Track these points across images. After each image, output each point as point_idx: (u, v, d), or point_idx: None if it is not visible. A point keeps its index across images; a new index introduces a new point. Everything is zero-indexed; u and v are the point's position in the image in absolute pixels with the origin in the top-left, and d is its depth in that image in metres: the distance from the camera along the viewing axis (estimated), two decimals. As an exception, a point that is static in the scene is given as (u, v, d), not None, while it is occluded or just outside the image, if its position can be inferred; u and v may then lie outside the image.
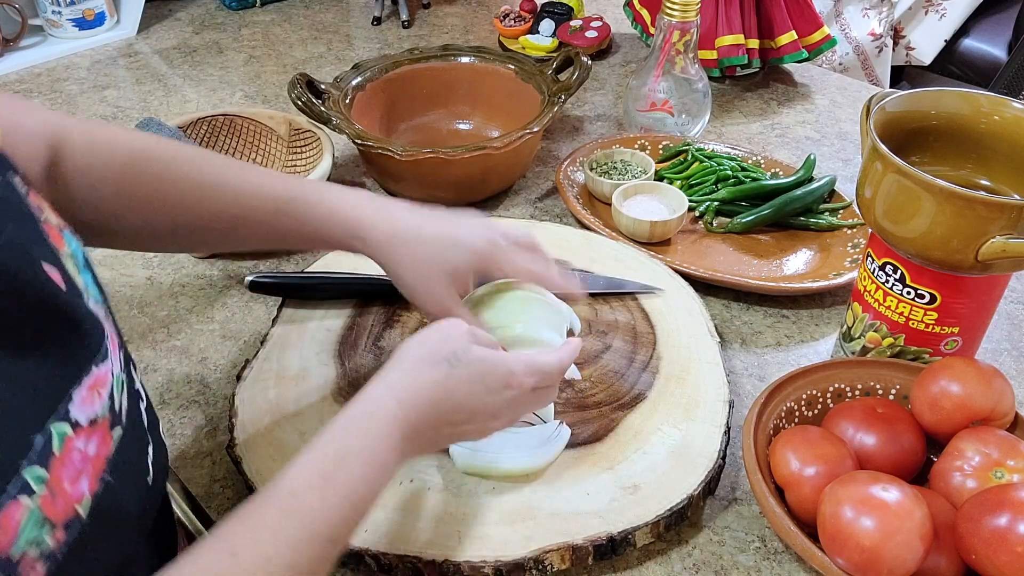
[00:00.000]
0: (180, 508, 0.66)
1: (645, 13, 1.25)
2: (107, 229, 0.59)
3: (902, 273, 0.66)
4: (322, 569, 0.44)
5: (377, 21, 1.43)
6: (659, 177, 0.98)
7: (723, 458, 0.64)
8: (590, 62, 0.99)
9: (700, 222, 0.94)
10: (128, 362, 0.47)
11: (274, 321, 0.76)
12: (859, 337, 0.72)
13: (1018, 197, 0.66)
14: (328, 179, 0.88)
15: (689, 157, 1.00)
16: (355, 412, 0.49)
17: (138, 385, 0.48)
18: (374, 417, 0.49)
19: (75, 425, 0.38)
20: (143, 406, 0.48)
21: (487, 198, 0.97)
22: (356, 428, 0.49)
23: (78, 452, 0.37)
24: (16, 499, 0.33)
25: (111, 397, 0.41)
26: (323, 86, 0.96)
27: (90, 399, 0.39)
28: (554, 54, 1.21)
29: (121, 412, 0.42)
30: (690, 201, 0.91)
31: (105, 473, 0.39)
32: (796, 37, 1.17)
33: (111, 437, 0.40)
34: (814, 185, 0.93)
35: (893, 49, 2.29)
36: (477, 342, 0.54)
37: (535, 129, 0.91)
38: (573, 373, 0.67)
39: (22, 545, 0.34)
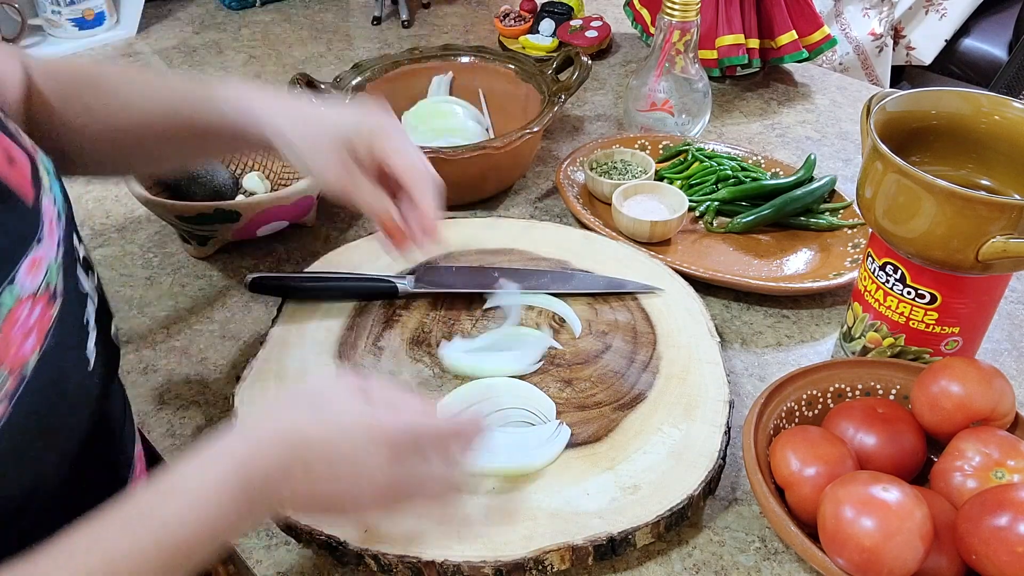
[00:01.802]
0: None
1: (645, 13, 1.25)
2: (64, 152, 0.62)
3: (902, 273, 0.66)
4: None
5: (377, 21, 1.43)
6: (659, 177, 0.98)
7: (723, 458, 0.64)
8: (590, 62, 0.99)
9: (700, 222, 0.94)
10: (81, 263, 0.52)
11: (274, 321, 0.76)
12: (859, 337, 0.72)
13: (1018, 197, 0.66)
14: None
15: (689, 157, 1.00)
16: (201, 453, 0.46)
17: (87, 289, 0.52)
18: (215, 459, 0.45)
19: (22, 289, 0.43)
20: (92, 307, 0.52)
21: (487, 198, 0.97)
22: (192, 468, 0.45)
23: (25, 313, 0.43)
24: None
25: (46, 276, 0.46)
26: (323, 86, 0.96)
27: (31, 274, 0.44)
28: (554, 54, 1.21)
29: (56, 291, 0.47)
30: (690, 201, 0.91)
31: (48, 336, 0.45)
32: (796, 37, 1.17)
33: (50, 308, 0.46)
34: (814, 185, 0.93)
35: (893, 49, 2.29)
36: (361, 395, 0.50)
37: (535, 129, 0.91)
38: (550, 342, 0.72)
39: None
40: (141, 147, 0.67)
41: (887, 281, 0.68)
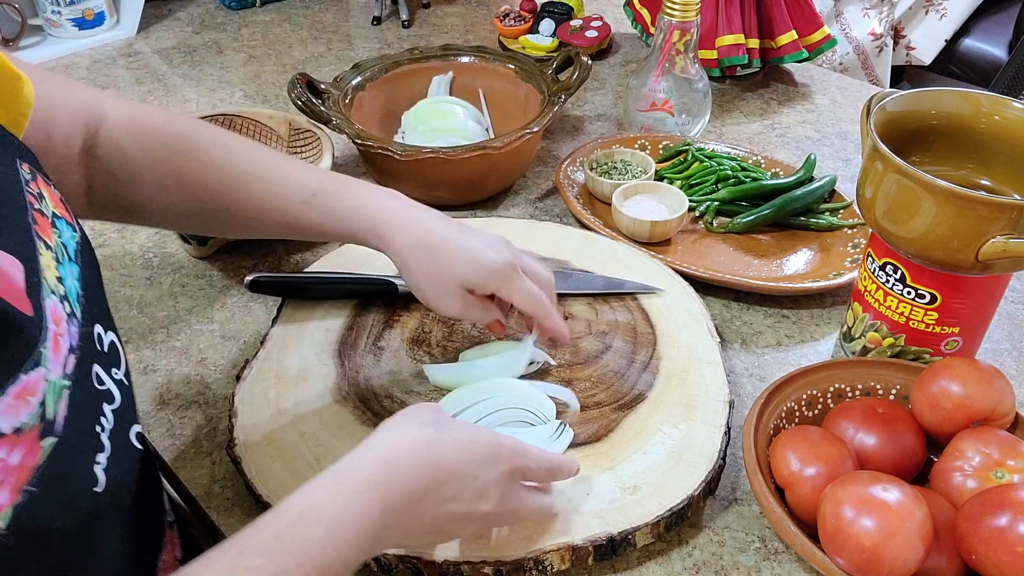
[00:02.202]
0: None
1: (645, 13, 1.25)
2: (137, 206, 0.62)
3: (902, 273, 0.66)
4: None
5: (377, 21, 1.43)
6: (659, 177, 0.98)
7: (723, 458, 0.64)
8: (590, 62, 0.99)
9: (700, 222, 0.94)
10: (104, 357, 0.45)
11: (274, 321, 0.76)
12: (859, 337, 0.72)
13: (1018, 197, 0.66)
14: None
15: (689, 157, 1.00)
16: (329, 474, 0.46)
17: (109, 384, 0.45)
18: (347, 480, 0.45)
19: None
20: (112, 407, 0.45)
21: (487, 198, 0.97)
22: (324, 490, 0.45)
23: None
24: None
25: (43, 405, 0.38)
26: (323, 86, 0.96)
27: (15, 408, 0.36)
28: (554, 54, 1.21)
29: (55, 421, 0.39)
30: (690, 201, 0.91)
31: (29, 484, 0.37)
32: (796, 37, 1.17)
33: (39, 447, 0.38)
34: (814, 185, 0.93)
35: (893, 49, 2.29)
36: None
37: (535, 129, 0.91)
38: (541, 356, 0.71)
39: None
40: (229, 226, 0.66)
41: (887, 281, 0.68)
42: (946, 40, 2.27)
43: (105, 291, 0.50)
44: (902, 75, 2.42)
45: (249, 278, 0.79)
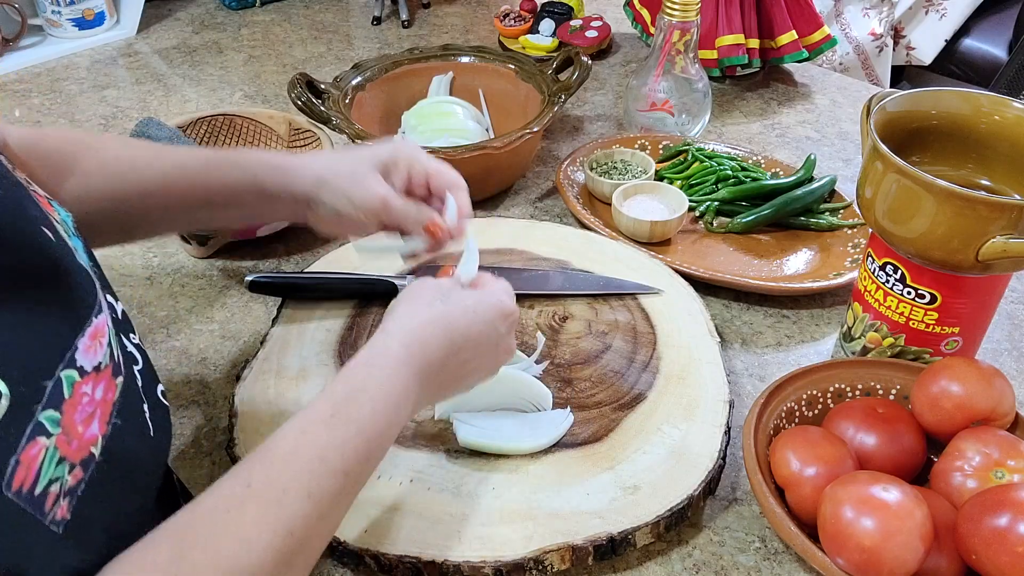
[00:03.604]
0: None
1: (645, 13, 1.25)
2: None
3: (902, 273, 0.66)
4: (339, 502, 0.46)
5: (377, 21, 1.43)
6: (659, 177, 0.98)
7: (723, 458, 0.64)
8: (590, 62, 0.99)
9: (700, 222, 0.94)
10: (121, 324, 0.48)
11: (274, 321, 0.76)
12: (859, 337, 0.72)
13: (1018, 197, 0.66)
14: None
15: (689, 157, 1.00)
16: (361, 358, 0.51)
17: (131, 348, 0.48)
18: (381, 358, 0.51)
19: (81, 371, 0.39)
20: (137, 368, 0.48)
21: (487, 198, 0.97)
22: (364, 369, 0.50)
23: (87, 396, 0.39)
24: (34, 440, 0.35)
25: (110, 346, 0.43)
26: (323, 86, 0.96)
27: (92, 348, 0.41)
28: (554, 54, 1.21)
29: (119, 362, 0.44)
30: (690, 201, 0.91)
31: (113, 416, 0.41)
32: (796, 37, 1.17)
33: (115, 383, 0.43)
34: (814, 185, 0.93)
35: (893, 49, 2.29)
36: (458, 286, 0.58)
37: (535, 129, 0.91)
38: (534, 369, 0.71)
39: (44, 482, 0.36)
40: (149, 214, 0.65)
41: (887, 281, 0.68)
42: (946, 40, 2.27)
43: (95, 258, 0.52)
44: (902, 75, 2.42)
45: (249, 278, 0.79)
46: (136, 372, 0.48)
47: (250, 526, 0.41)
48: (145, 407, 0.47)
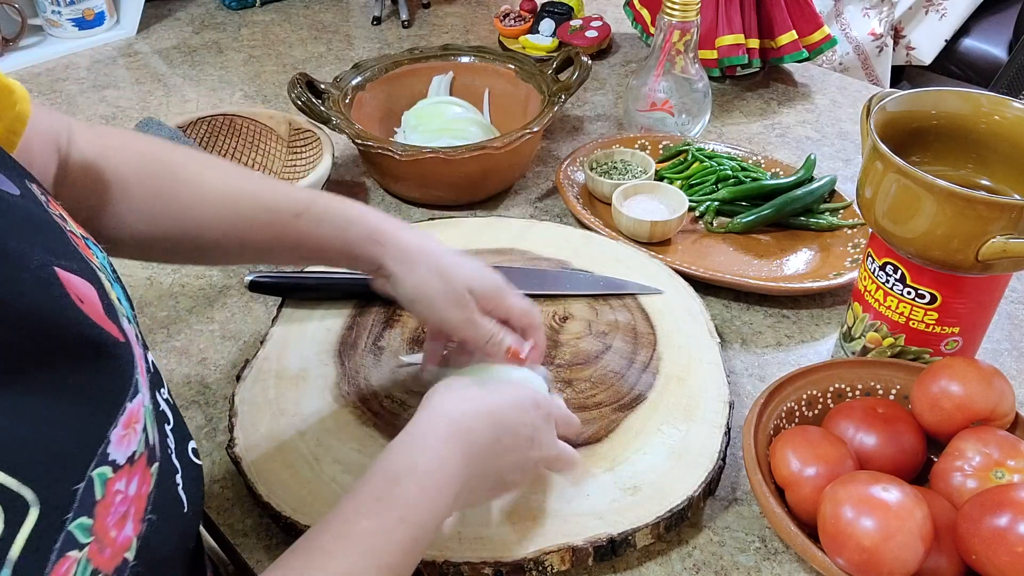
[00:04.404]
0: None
1: (645, 13, 1.25)
2: (115, 236, 0.57)
3: (902, 273, 0.66)
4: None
5: (377, 21, 1.43)
6: (659, 177, 0.98)
7: (723, 458, 0.64)
8: (590, 62, 0.99)
9: (700, 222, 0.94)
10: (153, 380, 0.43)
11: (274, 321, 0.76)
12: (859, 337, 0.72)
13: (1018, 197, 0.66)
14: (328, 179, 0.88)
15: (689, 157, 1.00)
16: (405, 436, 0.49)
17: (163, 406, 0.44)
18: (426, 436, 0.48)
19: (114, 466, 0.35)
20: (169, 428, 0.44)
21: (487, 198, 0.97)
22: (408, 449, 0.48)
23: (120, 494, 0.35)
24: (65, 556, 0.31)
25: (144, 431, 0.38)
26: (323, 86, 0.96)
27: (127, 437, 0.36)
28: (554, 54, 1.21)
29: (155, 445, 0.39)
30: (690, 201, 0.91)
31: (147, 512, 0.37)
32: (796, 37, 1.17)
33: (150, 474, 0.38)
34: (814, 185, 0.93)
35: (893, 49, 2.29)
36: None
37: (535, 129, 0.91)
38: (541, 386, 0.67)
39: None
40: (218, 248, 0.61)
41: (887, 281, 0.68)
42: (946, 40, 2.27)
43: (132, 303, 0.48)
44: (902, 75, 2.42)
45: (249, 278, 0.79)
46: (168, 433, 0.43)
47: None
48: (179, 478, 0.43)
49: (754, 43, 1.16)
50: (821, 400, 0.68)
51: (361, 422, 0.66)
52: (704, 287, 0.82)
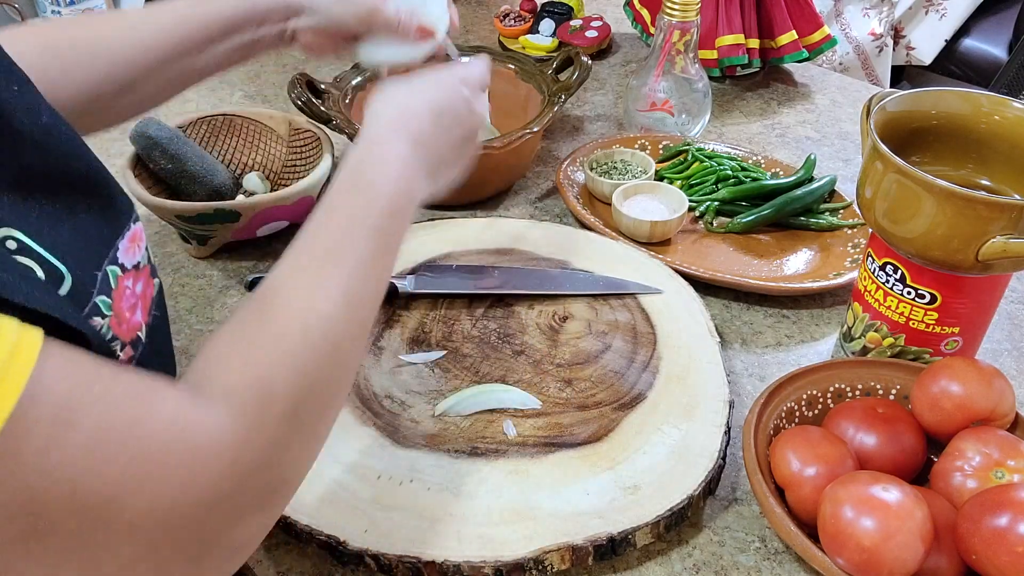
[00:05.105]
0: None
1: (645, 13, 1.25)
2: (74, 106, 0.61)
3: (902, 273, 0.66)
4: (386, 248, 0.50)
5: (377, 21, 1.43)
6: (659, 177, 0.98)
7: (723, 458, 0.64)
8: (590, 62, 0.99)
9: (700, 222, 0.94)
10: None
11: (274, 321, 0.76)
12: (859, 337, 0.72)
13: (1018, 197, 0.66)
14: (328, 179, 0.88)
15: (689, 157, 1.00)
16: (358, 143, 0.53)
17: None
18: (373, 135, 0.53)
19: (123, 268, 0.44)
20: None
21: (487, 198, 0.97)
22: (364, 150, 0.52)
23: (128, 289, 0.44)
24: (92, 319, 0.40)
25: (147, 250, 0.48)
26: (323, 86, 0.96)
27: (132, 249, 0.46)
28: (554, 54, 1.21)
29: (155, 266, 0.49)
30: (690, 201, 0.91)
31: (152, 309, 0.47)
32: (796, 37, 1.17)
33: (153, 282, 0.48)
34: (814, 185, 0.93)
35: (893, 49, 2.29)
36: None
37: (535, 129, 0.91)
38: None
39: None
40: (151, 76, 0.65)
41: (887, 281, 0.68)
42: (946, 40, 2.27)
43: None
44: (902, 75, 2.42)
45: (249, 278, 0.79)
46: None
47: (316, 281, 0.45)
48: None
49: (754, 43, 1.16)
50: (821, 400, 0.68)
51: (361, 422, 0.66)
52: (704, 287, 0.82)
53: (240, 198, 0.91)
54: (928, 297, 0.66)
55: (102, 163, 0.46)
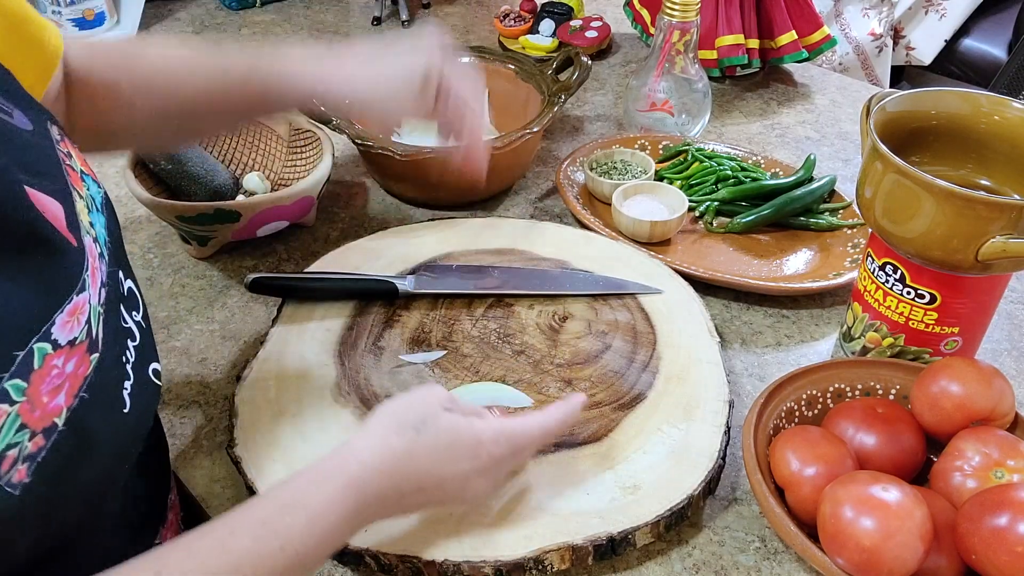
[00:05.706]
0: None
1: (645, 13, 1.25)
2: (103, 130, 0.65)
3: (902, 273, 0.66)
4: None
5: (377, 21, 1.43)
6: (659, 177, 0.98)
7: (723, 458, 0.64)
8: (590, 62, 0.99)
9: (700, 222, 0.94)
10: (126, 300, 0.49)
11: (274, 321, 0.76)
12: (859, 337, 0.72)
13: (1018, 197, 0.66)
14: (328, 179, 0.88)
15: (689, 157, 1.00)
16: (314, 470, 0.50)
17: (131, 324, 0.50)
18: (331, 477, 0.50)
19: (55, 344, 0.41)
20: (133, 344, 0.49)
21: (487, 198, 0.97)
22: (309, 484, 0.49)
23: (56, 369, 0.41)
24: None
25: (88, 323, 0.43)
26: (323, 86, 0.96)
27: (70, 324, 0.42)
28: (554, 54, 1.21)
29: (98, 340, 0.44)
30: (690, 201, 0.91)
31: (82, 390, 0.42)
32: (796, 37, 1.17)
33: (88, 359, 0.43)
34: (814, 185, 0.93)
35: (893, 49, 2.29)
36: (451, 408, 0.55)
37: (535, 129, 0.91)
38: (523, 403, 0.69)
39: (1, 445, 0.38)
40: (189, 120, 0.69)
41: (887, 281, 0.68)
42: (946, 40, 2.27)
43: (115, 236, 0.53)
44: (902, 75, 2.42)
45: (249, 278, 0.79)
46: (131, 348, 0.49)
47: None
48: (127, 383, 0.47)
49: (754, 43, 1.16)
50: (821, 400, 0.68)
51: (361, 422, 0.66)
52: (704, 287, 0.82)
53: (240, 198, 0.91)
54: (928, 297, 0.66)
55: (61, 215, 0.43)
